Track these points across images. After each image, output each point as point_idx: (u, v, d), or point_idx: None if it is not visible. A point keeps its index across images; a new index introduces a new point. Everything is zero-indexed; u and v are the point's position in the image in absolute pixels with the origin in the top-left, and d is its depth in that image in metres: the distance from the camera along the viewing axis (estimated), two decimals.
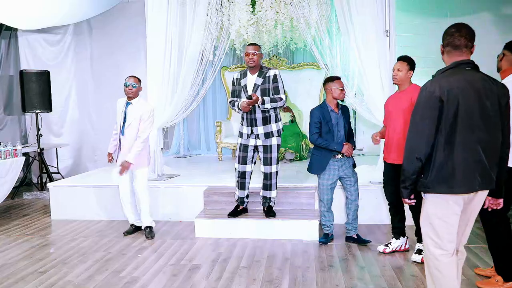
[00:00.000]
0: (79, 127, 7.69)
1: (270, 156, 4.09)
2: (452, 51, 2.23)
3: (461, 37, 2.20)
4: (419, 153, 2.16)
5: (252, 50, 4.00)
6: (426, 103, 2.14)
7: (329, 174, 3.89)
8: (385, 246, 3.75)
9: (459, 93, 2.10)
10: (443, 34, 2.27)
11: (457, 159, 2.12)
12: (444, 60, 2.30)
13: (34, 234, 4.54)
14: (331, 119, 3.82)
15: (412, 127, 2.20)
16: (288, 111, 7.00)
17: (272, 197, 4.25)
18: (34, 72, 6.49)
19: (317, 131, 3.82)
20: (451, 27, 2.25)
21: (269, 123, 4.05)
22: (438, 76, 2.22)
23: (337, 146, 3.78)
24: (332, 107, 3.85)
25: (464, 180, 2.14)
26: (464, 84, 2.13)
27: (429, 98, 2.13)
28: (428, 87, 2.17)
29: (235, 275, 3.33)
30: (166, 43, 5.06)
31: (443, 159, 2.14)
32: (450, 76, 2.16)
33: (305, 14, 5.01)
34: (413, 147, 2.18)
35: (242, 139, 4.15)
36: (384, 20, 4.67)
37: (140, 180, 4.23)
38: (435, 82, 2.16)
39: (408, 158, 2.20)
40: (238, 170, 4.18)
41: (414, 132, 2.19)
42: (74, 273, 3.44)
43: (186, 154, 7.61)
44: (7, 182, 5.05)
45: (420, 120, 2.16)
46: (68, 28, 7.44)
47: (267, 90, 4.01)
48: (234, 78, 4.19)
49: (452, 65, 2.22)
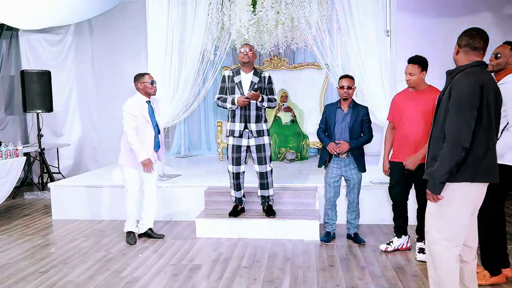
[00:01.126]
0: (80, 127, 7.71)
1: (264, 155, 4.10)
2: (470, 51, 2.32)
3: (481, 40, 2.31)
4: (466, 143, 2.19)
5: (247, 48, 4.03)
6: (472, 93, 2.19)
7: (331, 173, 3.92)
8: (387, 244, 3.75)
9: (488, 88, 2.23)
10: (462, 35, 2.36)
11: (491, 149, 2.27)
12: (457, 59, 2.38)
13: (35, 234, 4.54)
14: (335, 117, 3.84)
15: (459, 117, 2.20)
16: (289, 111, 7.01)
17: (270, 195, 4.26)
18: (35, 72, 6.50)
19: (321, 127, 3.95)
20: (472, 30, 2.35)
21: (260, 121, 4.10)
22: (469, 70, 2.28)
23: (326, 142, 3.84)
24: (341, 105, 3.85)
25: (495, 169, 2.30)
26: (490, 82, 2.28)
27: (475, 88, 2.19)
28: (470, 79, 2.22)
29: (236, 275, 3.33)
30: (167, 43, 5.07)
31: (482, 148, 2.23)
32: (480, 73, 2.27)
33: (306, 14, 5.01)
34: (461, 138, 2.19)
35: (234, 139, 4.10)
36: (385, 20, 4.67)
37: (153, 182, 4.20)
38: (475, 74, 2.24)
39: (454, 149, 2.19)
40: (232, 171, 4.16)
41: (461, 122, 2.19)
42: (75, 273, 3.45)
43: (187, 154, 7.61)
44: (8, 182, 5.06)
45: (467, 110, 2.19)
46: (69, 28, 7.45)
47: (262, 90, 4.06)
48: (226, 76, 4.13)
49: (475, 63, 2.30)
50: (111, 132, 7.14)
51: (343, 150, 3.78)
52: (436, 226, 2.32)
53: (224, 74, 4.16)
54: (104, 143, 7.55)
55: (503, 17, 6.62)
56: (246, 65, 4.05)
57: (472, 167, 2.23)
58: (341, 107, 3.85)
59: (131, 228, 4.20)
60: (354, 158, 3.85)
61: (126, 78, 7.29)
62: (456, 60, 2.39)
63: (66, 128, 7.69)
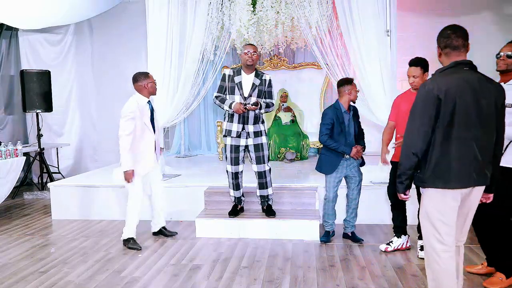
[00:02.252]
0: (80, 127, 7.71)
1: (262, 155, 4.10)
2: (451, 52, 2.28)
3: (459, 37, 2.25)
4: (415, 149, 2.23)
5: (251, 49, 4.02)
6: (424, 101, 2.21)
7: (337, 172, 3.91)
8: (387, 245, 3.75)
9: (456, 92, 2.16)
10: (439, 37, 2.33)
11: (453, 155, 2.20)
12: (441, 62, 2.35)
13: (35, 234, 4.54)
14: (344, 120, 3.83)
15: (410, 123, 2.27)
16: (288, 111, 7.01)
17: (270, 195, 4.25)
18: (35, 72, 6.49)
19: (327, 132, 3.80)
20: (446, 29, 2.30)
21: (258, 122, 4.11)
22: (437, 75, 2.28)
23: (346, 149, 3.78)
24: (345, 108, 3.86)
25: (460, 176, 2.22)
26: (461, 83, 2.19)
27: (427, 96, 2.20)
28: (427, 86, 2.22)
29: (236, 275, 3.33)
30: (166, 43, 5.07)
31: (440, 155, 2.21)
32: (449, 76, 2.23)
33: (306, 14, 5.01)
34: (410, 143, 2.25)
35: (232, 139, 4.09)
36: (385, 20, 4.68)
37: (160, 177, 4.21)
38: (434, 81, 2.22)
39: (405, 153, 2.28)
40: (231, 171, 4.16)
41: (411, 128, 2.26)
42: (75, 273, 3.44)
43: (186, 154, 7.61)
44: (8, 182, 5.06)
45: (418, 117, 2.23)
46: (69, 28, 7.45)
47: (262, 92, 4.06)
48: (226, 75, 4.08)
49: (451, 65, 2.27)
50: (111, 132, 7.11)
51: (360, 155, 3.85)
52: (429, 229, 2.33)
53: (225, 73, 4.12)
54: (104, 143, 7.55)
55: (503, 17, 6.62)
56: (249, 67, 4.04)
57: (432, 173, 2.24)
58: (346, 111, 3.86)
59: (133, 234, 4.02)
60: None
61: (126, 78, 7.24)
62: (442, 63, 2.36)
63: (66, 128, 7.68)
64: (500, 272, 2.99)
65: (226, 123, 4.11)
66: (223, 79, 4.12)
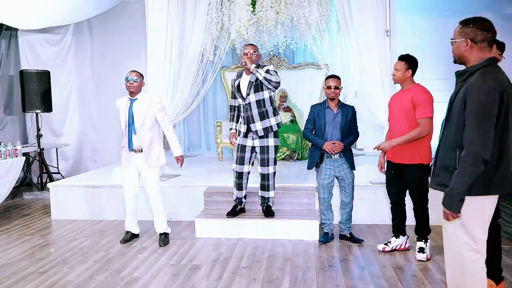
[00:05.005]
0: (80, 127, 7.71)
1: (267, 157, 4.09)
2: (486, 47, 2.07)
3: (495, 33, 2.07)
4: (487, 155, 1.97)
5: (251, 50, 4.02)
6: (490, 100, 1.97)
7: (325, 174, 3.92)
8: (384, 244, 3.75)
9: (507, 90, 2.02)
10: (475, 29, 2.07)
11: (505, 159, 2.06)
12: (467, 57, 2.11)
13: (35, 234, 4.54)
14: (325, 117, 3.85)
15: (477, 127, 1.98)
16: (288, 111, 7.01)
17: (271, 197, 4.25)
18: (34, 72, 6.49)
19: (309, 127, 3.96)
20: (484, 21, 2.08)
21: (266, 117, 4.05)
22: (484, 71, 2.04)
23: (319, 142, 3.83)
24: (330, 104, 3.87)
25: (509, 179, 2.09)
26: (506, 81, 2.05)
27: (494, 94, 1.97)
28: (487, 82, 1.99)
29: (235, 275, 3.33)
30: (166, 43, 5.06)
31: (496, 158, 2.03)
32: (495, 73, 2.04)
33: (305, 14, 5.01)
34: (479, 149, 1.97)
35: (240, 138, 4.16)
36: (384, 20, 4.67)
37: (153, 181, 4.01)
38: (491, 78, 2.00)
39: (473, 162, 1.98)
40: (236, 170, 4.18)
41: (480, 132, 1.97)
42: (75, 273, 3.44)
43: (186, 154, 7.60)
44: (8, 182, 5.05)
45: (487, 119, 1.97)
46: (68, 28, 7.45)
47: (259, 86, 4.02)
48: (232, 80, 4.23)
49: (487, 62, 2.06)
50: (110, 132, 7.14)
51: (338, 150, 3.80)
52: (466, 240, 2.12)
53: (232, 78, 4.25)
54: (104, 143, 7.54)
55: (503, 17, 6.63)
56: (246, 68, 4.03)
57: (486, 179, 2.03)
58: (330, 107, 3.87)
59: (128, 227, 4.20)
60: (345, 157, 3.89)
61: None
62: (465, 57, 2.11)
63: (65, 128, 7.68)
64: (490, 278, 2.89)
65: (238, 124, 4.26)
66: (232, 84, 4.25)
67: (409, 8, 6.57)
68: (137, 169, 4.03)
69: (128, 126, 3.89)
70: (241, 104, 4.11)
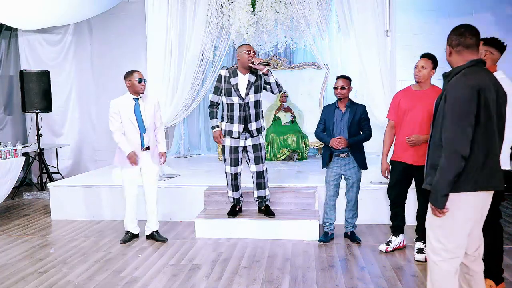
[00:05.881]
0: (79, 127, 7.70)
1: (260, 155, 4.09)
2: (464, 50, 2.16)
3: (473, 36, 2.16)
4: (465, 152, 2.04)
5: (252, 49, 4.00)
6: (468, 98, 2.04)
7: (331, 171, 3.95)
8: (386, 245, 3.75)
9: (487, 89, 2.07)
10: (451, 35, 2.20)
11: (491, 156, 2.11)
12: (451, 61, 2.23)
13: (34, 234, 4.54)
14: (334, 117, 3.89)
15: (454, 124, 2.06)
16: (288, 111, 7.01)
17: (267, 195, 4.26)
18: (34, 72, 6.49)
19: (320, 127, 4.01)
20: (460, 27, 2.18)
21: (260, 118, 4.12)
22: (466, 72, 2.12)
23: (327, 139, 3.88)
24: (338, 104, 3.91)
25: (496, 176, 2.14)
26: (488, 81, 2.10)
27: (471, 92, 2.04)
28: (467, 81, 2.07)
29: (235, 275, 3.33)
30: (166, 43, 5.06)
31: (481, 156, 2.09)
32: (477, 73, 2.11)
33: (305, 14, 5.02)
34: (457, 146, 2.04)
35: (231, 140, 4.05)
36: (384, 20, 4.67)
37: (153, 179, 4.11)
38: (470, 77, 2.08)
39: (452, 159, 2.05)
40: (230, 172, 4.13)
41: (457, 129, 2.05)
42: (75, 273, 3.44)
43: (186, 154, 7.61)
44: (7, 182, 5.05)
45: (462, 116, 2.04)
46: (68, 28, 7.44)
47: (259, 87, 4.03)
48: (222, 76, 4.01)
49: (470, 63, 2.14)
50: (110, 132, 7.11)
51: (342, 146, 3.80)
52: (436, 236, 2.18)
53: (220, 74, 4.04)
54: (104, 143, 7.53)
55: (503, 17, 6.63)
56: (248, 67, 3.97)
57: (472, 176, 2.09)
58: (339, 107, 3.91)
59: (128, 227, 4.22)
60: (354, 156, 3.90)
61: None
62: (451, 62, 2.24)
63: (65, 128, 7.67)
64: (490, 279, 2.88)
65: (226, 124, 4.07)
66: (219, 80, 4.03)
67: (409, 8, 6.57)
68: (140, 168, 4.04)
69: (138, 125, 3.98)
70: (236, 103, 3.98)
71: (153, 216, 4.17)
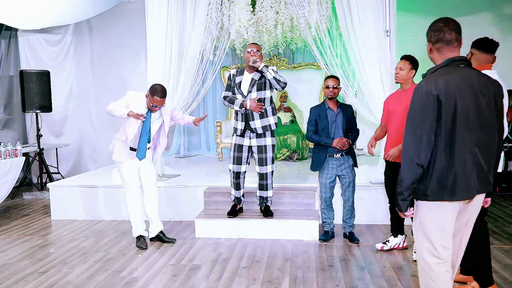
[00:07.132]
0: (79, 127, 7.70)
1: (265, 157, 4.08)
2: (443, 47, 2.07)
3: (451, 31, 2.04)
4: (420, 159, 1.98)
5: (255, 48, 4.03)
6: (424, 104, 1.97)
7: (327, 173, 3.95)
8: (383, 243, 3.76)
9: (456, 92, 1.96)
10: (429, 31, 2.11)
11: (458, 164, 1.99)
12: (433, 59, 2.15)
13: (34, 234, 4.54)
14: (327, 117, 3.89)
15: (410, 131, 2.01)
16: (288, 111, 7.01)
17: (269, 197, 4.25)
18: (34, 72, 6.49)
19: (312, 129, 3.95)
20: (438, 22, 2.08)
21: (266, 116, 4.04)
22: (432, 75, 2.06)
23: (328, 141, 3.84)
24: (329, 105, 3.91)
25: (465, 186, 2.01)
26: (460, 82, 1.98)
27: (427, 98, 1.97)
28: (424, 87, 1.99)
29: (235, 275, 3.33)
30: (166, 43, 5.06)
31: (444, 164, 1.99)
32: (446, 75, 2.01)
33: (305, 14, 5.01)
34: (412, 153, 1.99)
35: (236, 138, 4.11)
36: (384, 20, 4.67)
37: (153, 178, 4.01)
38: (430, 81, 1.99)
39: (407, 166, 2.01)
40: (233, 170, 4.15)
41: (412, 136, 2.00)
42: (74, 273, 3.44)
43: (186, 154, 7.61)
44: (7, 182, 5.05)
45: (418, 123, 1.99)
46: (68, 28, 7.45)
47: (263, 84, 4.02)
48: (231, 74, 4.17)
49: (445, 63, 2.06)
50: (110, 132, 7.11)
51: (347, 146, 3.84)
52: (423, 243, 2.13)
53: (230, 72, 4.20)
54: (104, 143, 7.52)
55: (502, 17, 6.63)
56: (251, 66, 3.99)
57: (436, 185, 2.01)
58: (330, 107, 3.91)
59: (140, 231, 4.04)
60: (345, 155, 3.92)
61: (125, 78, 7.29)
62: (432, 60, 2.13)
63: (65, 128, 7.68)
64: (476, 280, 2.86)
65: (233, 121, 4.18)
66: (229, 78, 4.19)
67: (409, 8, 6.57)
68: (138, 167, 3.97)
69: (141, 136, 3.83)
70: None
71: (157, 216, 4.07)
